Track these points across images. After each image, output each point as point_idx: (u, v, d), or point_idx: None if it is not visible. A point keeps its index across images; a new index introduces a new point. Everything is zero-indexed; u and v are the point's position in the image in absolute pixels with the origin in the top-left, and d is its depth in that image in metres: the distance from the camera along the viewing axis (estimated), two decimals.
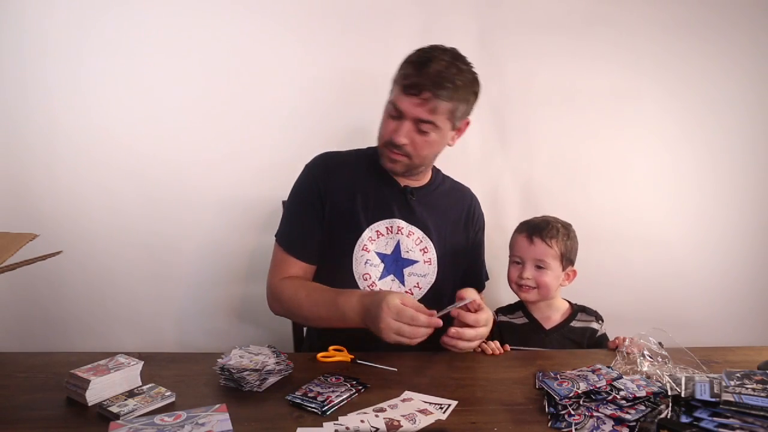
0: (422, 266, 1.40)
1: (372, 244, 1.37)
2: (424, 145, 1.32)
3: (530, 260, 1.52)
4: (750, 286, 1.97)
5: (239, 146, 1.83)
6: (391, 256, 1.38)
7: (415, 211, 1.40)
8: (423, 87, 1.24)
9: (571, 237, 1.54)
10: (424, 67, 1.25)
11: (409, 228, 1.39)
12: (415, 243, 1.39)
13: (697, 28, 1.87)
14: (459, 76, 1.27)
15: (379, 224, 1.37)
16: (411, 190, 1.40)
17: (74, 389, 1.05)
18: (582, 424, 0.97)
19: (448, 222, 1.45)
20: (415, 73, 1.25)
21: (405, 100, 1.27)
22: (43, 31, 1.74)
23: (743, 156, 1.93)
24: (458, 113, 1.31)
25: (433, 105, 1.26)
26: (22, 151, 1.78)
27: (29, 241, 1.07)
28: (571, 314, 1.56)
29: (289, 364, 1.18)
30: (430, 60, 1.26)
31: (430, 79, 1.24)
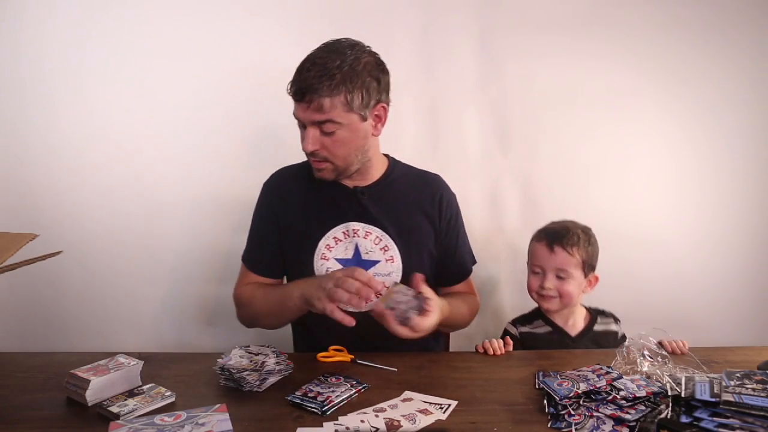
0: (384, 265, 1.37)
1: (330, 251, 1.36)
2: (336, 145, 1.27)
3: (551, 270, 1.48)
4: (750, 286, 1.97)
5: (240, 147, 1.83)
6: (352, 260, 1.37)
7: (369, 210, 1.37)
8: (304, 90, 1.21)
9: (592, 242, 1.51)
10: (302, 70, 1.23)
11: (365, 228, 1.37)
12: (374, 243, 1.37)
13: (697, 28, 1.87)
14: (341, 67, 1.21)
15: (335, 230, 1.36)
16: (361, 190, 1.38)
17: (74, 389, 1.05)
18: (582, 424, 0.97)
19: (410, 214, 1.41)
20: (296, 79, 1.24)
21: (298, 109, 1.26)
22: (43, 32, 1.74)
23: (744, 156, 1.93)
24: (356, 102, 1.24)
25: (318, 103, 1.21)
26: (22, 151, 1.78)
27: (29, 241, 1.07)
28: (591, 318, 1.54)
29: (289, 364, 1.19)
30: (307, 60, 1.24)
31: (308, 79, 1.21)
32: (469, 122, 1.90)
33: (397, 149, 1.87)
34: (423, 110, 1.88)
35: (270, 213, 1.42)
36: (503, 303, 1.96)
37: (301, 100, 1.23)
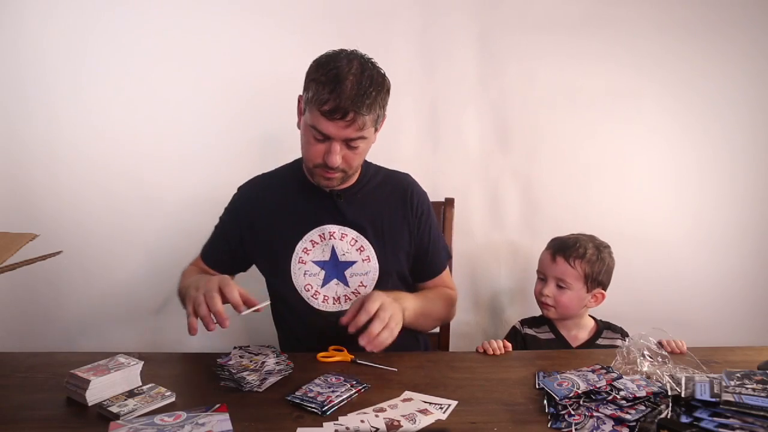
0: (362, 265, 1.39)
1: (308, 254, 1.38)
2: (356, 158, 1.31)
3: (551, 278, 1.52)
4: (750, 286, 1.97)
5: (241, 147, 1.83)
6: (330, 262, 1.38)
7: (345, 212, 1.39)
8: (346, 110, 1.19)
9: (602, 258, 1.51)
10: (338, 88, 1.19)
11: (342, 231, 1.39)
12: (350, 244, 1.39)
13: (697, 28, 1.87)
14: (373, 84, 1.22)
15: (311, 234, 1.38)
16: (338, 193, 1.40)
17: (74, 389, 1.05)
18: (582, 424, 0.97)
19: (384, 214, 1.42)
20: (331, 96, 1.19)
21: (330, 126, 1.22)
22: (43, 32, 1.74)
23: (744, 156, 1.93)
24: (380, 117, 1.28)
25: (361, 123, 1.22)
26: (22, 151, 1.78)
27: (29, 241, 1.07)
28: (597, 332, 1.55)
29: (289, 364, 1.19)
30: (340, 77, 1.20)
31: (350, 99, 1.19)
32: (469, 122, 1.90)
33: (397, 149, 1.88)
34: (423, 110, 1.88)
35: (238, 219, 1.44)
36: (503, 303, 1.96)
37: (341, 118, 1.21)
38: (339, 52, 1.26)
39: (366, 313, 1.16)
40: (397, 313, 1.21)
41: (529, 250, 1.93)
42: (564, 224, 1.83)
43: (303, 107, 1.29)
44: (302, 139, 1.31)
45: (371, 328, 1.15)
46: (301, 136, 1.32)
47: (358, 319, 1.16)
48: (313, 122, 1.24)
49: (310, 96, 1.23)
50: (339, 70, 1.21)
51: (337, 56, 1.25)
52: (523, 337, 1.57)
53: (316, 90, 1.21)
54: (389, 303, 1.20)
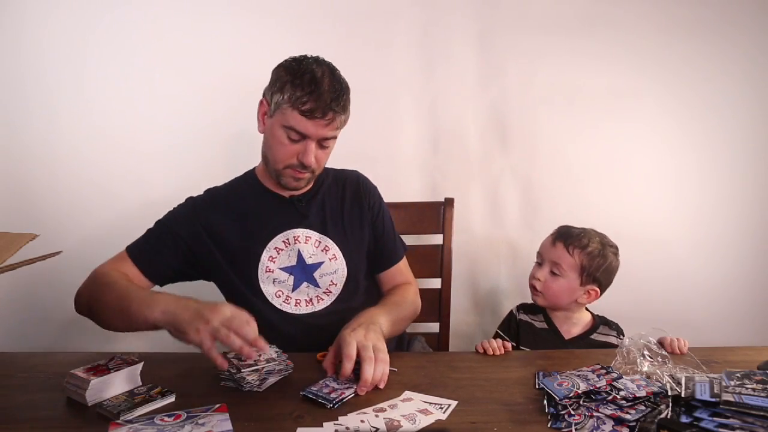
0: (329, 264, 1.40)
1: (274, 262, 1.37)
2: (325, 157, 1.36)
3: (547, 262, 1.50)
4: (750, 286, 1.97)
5: (240, 147, 1.83)
6: (297, 267, 1.38)
7: (307, 216, 1.40)
8: (326, 109, 1.25)
9: (604, 255, 1.48)
10: (317, 88, 1.24)
11: (305, 234, 1.39)
12: (315, 246, 1.40)
13: (697, 28, 1.87)
14: (343, 85, 1.29)
15: (275, 241, 1.38)
16: (299, 198, 1.41)
17: (74, 389, 1.05)
18: (582, 424, 0.97)
19: (342, 211, 1.45)
20: (311, 97, 1.24)
21: (309, 125, 1.26)
22: (43, 32, 1.74)
23: (744, 156, 1.93)
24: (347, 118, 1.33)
25: (338, 122, 1.28)
26: (22, 151, 1.78)
27: (29, 241, 1.06)
28: (592, 327, 1.53)
29: (289, 364, 1.18)
30: (316, 79, 1.25)
31: (329, 99, 1.25)
32: (469, 122, 1.90)
33: (397, 149, 1.88)
34: (423, 110, 1.88)
35: (189, 230, 1.37)
36: (503, 302, 1.96)
37: (321, 117, 1.25)
38: (305, 57, 1.32)
39: (349, 361, 1.09)
40: (378, 340, 1.15)
41: (529, 250, 1.92)
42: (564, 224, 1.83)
43: (270, 110, 1.31)
44: (270, 141, 1.33)
45: (364, 375, 1.07)
46: (268, 138, 1.34)
47: (344, 370, 1.09)
48: (291, 123, 1.27)
49: (285, 97, 1.26)
50: (313, 73, 1.26)
51: (305, 60, 1.30)
52: (517, 323, 1.55)
53: (293, 91, 1.25)
54: (365, 336, 1.14)
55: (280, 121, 1.29)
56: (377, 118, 1.81)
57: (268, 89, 1.32)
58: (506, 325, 1.56)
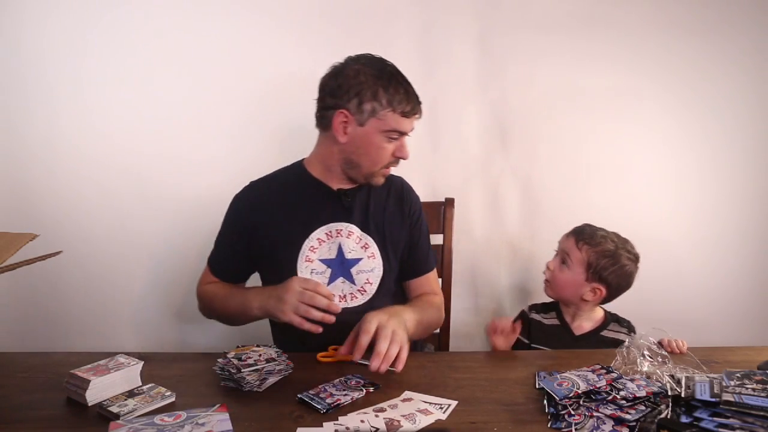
0: (367, 262, 1.41)
1: (314, 253, 1.38)
2: None
3: (559, 252, 1.54)
4: (750, 286, 1.97)
5: (240, 146, 1.83)
6: (336, 260, 1.39)
7: (351, 211, 1.41)
8: (417, 105, 1.34)
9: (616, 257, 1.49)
10: (408, 88, 1.33)
11: (348, 228, 1.40)
12: (356, 242, 1.41)
13: (697, 28, 1.87)
14: None
15: (318, 232, 1.39)
16: (345, 192, 1.42)
17: (74, 389, 1.05)
18: (582, 424, 0.97)
19: (384, 212, 1.46)
20: (405, 97, 1.31)
21: (408, 123, 1.34)
22: (43, 32, 1.74)
23: (743, 155, 1.93)
24: None
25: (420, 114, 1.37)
26: (22, 151, 1.78)
27: (29, 241, 1.07)
28: (603, 323, 1.55)
29: (289, 364, 1.18)
30: (399, 76, 1.33)
31: (414, 93, 1.34)
32: (469, 122, 1.90)
33: None
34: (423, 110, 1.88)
35: (240, 226, 1.42)
36: (503, 303, 1.96)
37: (417, 114, 1.35)
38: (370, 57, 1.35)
39: (366, 334, 1.13)
40: (398, 326, 1.17)
41: (529, 250, 1.93)
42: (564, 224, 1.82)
43: (360, 118, 1.31)
44: (363, 148, 1.34)
45: (378, 347, 1.11)
46: (359, 146, 1.34)
47: (359, 342, 1.12)
48: (393, 126, 1.32)
49: (383, 102, 1.29)
50: (394, 72, 1.33)
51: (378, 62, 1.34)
52: (528, 321, 1.57)
53: (391, 96, 1.30)
54: (387, 319, 1.17)
55: (378, 127, 1.31)
56: None
57: (346, 100, 1.31)
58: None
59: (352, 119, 1.31)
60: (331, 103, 1.33)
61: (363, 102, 1.30)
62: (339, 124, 1.33)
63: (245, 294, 1.36)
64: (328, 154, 1.39)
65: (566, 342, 1.50)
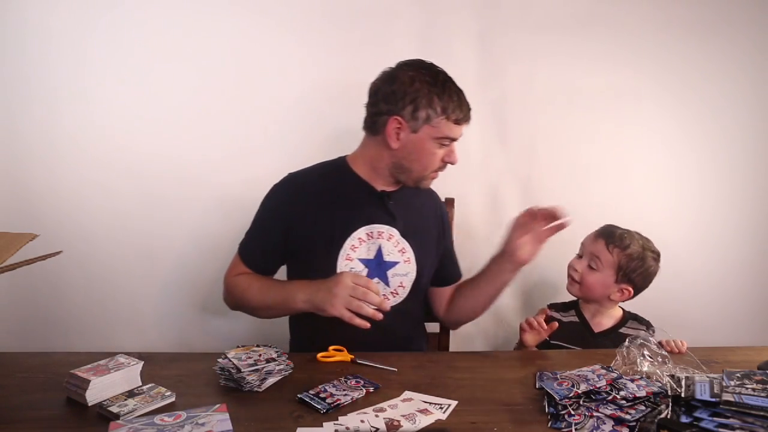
0: (403, 266, 1.42)
1: (355, 251, 1.39)
2: None
3: (587, 254, 1.55)
4: (750, 286, 1.97)
5: (240, 147, 1.83)
6: (374, 261, 1.40)
7: (393, 213, 1.42)
8: (469, 113, 1.35)
9: (643, 258, 1.52)
10: (460, 96, 1.33)
11: (389, 231, 1.41)
12: (394, 245, 1.42)
13: (697, 28, 1.87)
14: None
15: (359, 232, 1.39)
16: (388, 194, 1.42)
17: (74, 389, 1.05)
18: (582, 424, 0.97)
19: (422, 220, 1.48)
20: (458, 105, 1.32)
21: (458, 130, 1.35)
22: (44, 31, 1.74)
23: (743, 155, 1.93)
24: None
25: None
26: (22, 151, 1.78)
27: (29, 241, 1.07)
28: (621, 321, 1.57)
29: (289, 364, 1.19)
30: (452, 84, 1.33)
31: (466, 101, 1.34)
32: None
33: None
34: None
35: (279, 216, 1.42)
36: (503, 303, 1.96)
37: (467, 121, 1.35)
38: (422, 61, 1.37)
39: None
40: None
41: None
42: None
43: (415, 125, 1.32)
44: (415, 154, 1.35)
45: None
46: (411, 152, 1.35)
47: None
48: (445, 133, 1.32)
49: (438, 110, 1.30)
50: (447, 80, 1.33)
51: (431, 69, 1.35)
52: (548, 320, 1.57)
53: (445, 104, 1.30)
54: None
55: (431, 134, 1.32)
56: None
57: (401, 107, 1.31)
58: None
59: (406, 126, 1.32)
60: (384, 109, 1.33)
61: (418, 109, 1.30)
62: (392, 130, 1.33)
63: (287, 286, 1.38)
64: (378, 157, 1.39)
65: (586, 339, 1.53)
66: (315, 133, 1.82)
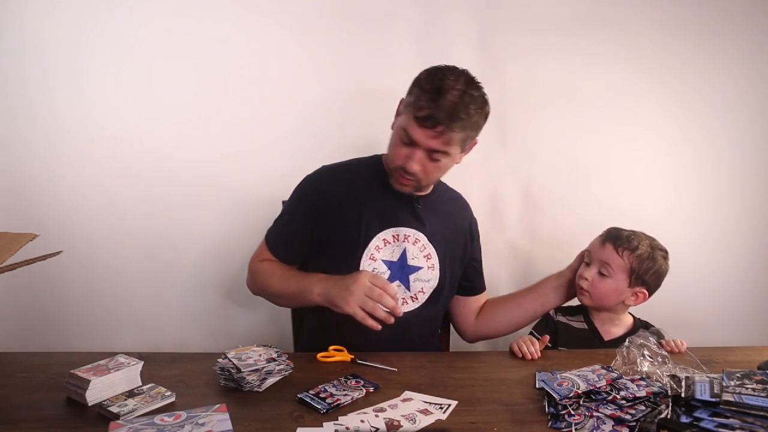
0: (426, 272, 1.42)
1: (379, 252, 1.38)
2: (435, 171, 1.33)
3: (596, 261, 1.48)
4: (750, 286, 1.97)
5: (240, 146, 1.83)
6: (397, 263, 1.39)
7: (421, 218, 1.41)
8: (438, 120, 1.22)
9: (654, 258, 1.47)
10: (438, 98, 1.23)
11: (416, 235, 1.41)
12: (420, 250, 1.41)
13: (697, 28, 1.87)
14: (472, 106, 1.26)
15: (386, 233, 1.39)
16: (417, 199, 1.41)
17: (74, 389, 1.05)
18: (582, 424, 0.97)
19: (451, 228, 1.47)
20: (429, 104, 1.23)
21: (418, 131, 1.25)
22: (44, 31, 1.74)
23: (743, 155, 1.93)
24: (469, 140, 1.32)
25: (448, 137, 1.25)
26: (22, 151, 1.78)
27: (29, 241, 1.07)
28: (632, 329, 1.51)
29: (289, 364, 1.19)
30: (443, 90, 1.23)
31: (445, 112, 1.22)
32: None
33: None
34: None
35: (308, 208, 1.41)
36: None
37: (431, 127, 1.24)
38: (450, 67, 1.30)
39: None
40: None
41: (529, 250, 1.93)
42: (564, 224, 1.83)
43: (401, 110, 1.32)
44: (391, 139, 1.34)
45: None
46: (391, 136, 1.35)
47: None
48: (406, 126, 1.28)
49: (410, 100, 1.27)
50: (444, 83, 1.24)
51: (447, 69, 1.28)
52: (554, 324, 1.53)
53: (417, 96, 1.26)
54: None
55: (401, 123, 1.30)
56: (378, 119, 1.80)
57: (408, 89, 1.32)
58: (542, 327, 1.53)
59: (400, 108, 1.34)
60: None
61: (408, 94, 1.31)
62: (398, 109, 1.35)
63: (306, 278, 1.36)
64: None
65: (596, 347, 1.46)
66: (314, 132, 1.82)
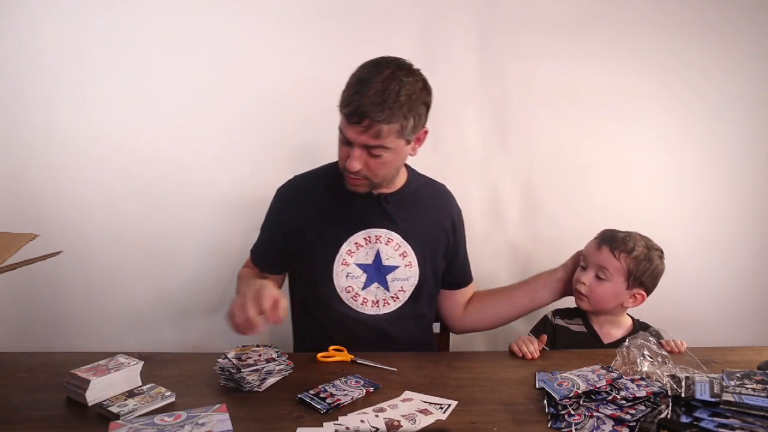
0: (404, 270, 1.40)
1: (351, 257, 1.38)
2: (380, 167, 1.28)
3: (593, 265, 1.46)
4: (750, 286, 1.97)
5: (239, 146, 1.83)
6: (372, 266, 1.39)
7: (392, 217, 1.39)
8: (362, 114, 1.18)
9: (650, 259, 1.46)
10: (360, 91, 1.19)
11: (388, 235, 1.39)
12: (395, 249, 1.40)
13: (698, 28, 1.87)
14: (400, 94, 1.20)
15: (357, 236, 1.38)
16: (385, 197, 1.39)
17: (74, 389, 1.05)
18: (582, 424, 0.97)
19: (427, 221, 1.44)
20: (352, 98, 1.19)
21: (349, 129, 1.22)
22: (43, 31, 1.74)
23: (744, 155, 1.93)
24: (408, 128, 1.25)
25: (376, 130, 1.20)
26: (22, 151, 1.78)
27: (29, 241, 1.07)
28: (631, 332, 1.50)
29: (289, 364, 1.19)
30: (365, 81, 1.19)
31: (367, 104, 1.18)
32: (469, 122, 1.90)
33: None
34: None
35: (280, 219, 1.43)
36: None
37: (357, 123, 1.20)
38: (382, 57, 1.26)
39: None
40: None
41: (529, 250, 1.93)
42: (564, 224, 1.83)
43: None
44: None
45: None
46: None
47: None
48: (340, 124, 1.26)
49: (341, 98, 1.24)
50: (367, 75, 1.20)
51: (376, 60, 1.25)
52: (553, 327, 1.52)
53: (344, 91, 1.23)
54: None
55: (339, 122, 1.27)
56: None
57: None
58: (539, 330, 1.53)
59: None
60: None
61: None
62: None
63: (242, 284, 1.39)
64: None
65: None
66: (314, 133, 1.82)
